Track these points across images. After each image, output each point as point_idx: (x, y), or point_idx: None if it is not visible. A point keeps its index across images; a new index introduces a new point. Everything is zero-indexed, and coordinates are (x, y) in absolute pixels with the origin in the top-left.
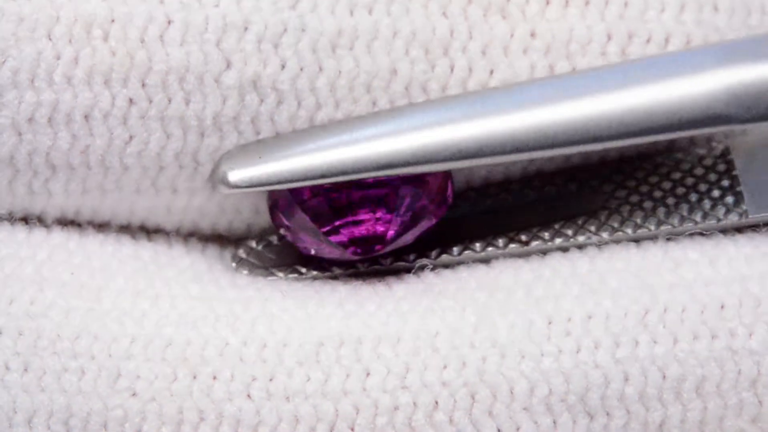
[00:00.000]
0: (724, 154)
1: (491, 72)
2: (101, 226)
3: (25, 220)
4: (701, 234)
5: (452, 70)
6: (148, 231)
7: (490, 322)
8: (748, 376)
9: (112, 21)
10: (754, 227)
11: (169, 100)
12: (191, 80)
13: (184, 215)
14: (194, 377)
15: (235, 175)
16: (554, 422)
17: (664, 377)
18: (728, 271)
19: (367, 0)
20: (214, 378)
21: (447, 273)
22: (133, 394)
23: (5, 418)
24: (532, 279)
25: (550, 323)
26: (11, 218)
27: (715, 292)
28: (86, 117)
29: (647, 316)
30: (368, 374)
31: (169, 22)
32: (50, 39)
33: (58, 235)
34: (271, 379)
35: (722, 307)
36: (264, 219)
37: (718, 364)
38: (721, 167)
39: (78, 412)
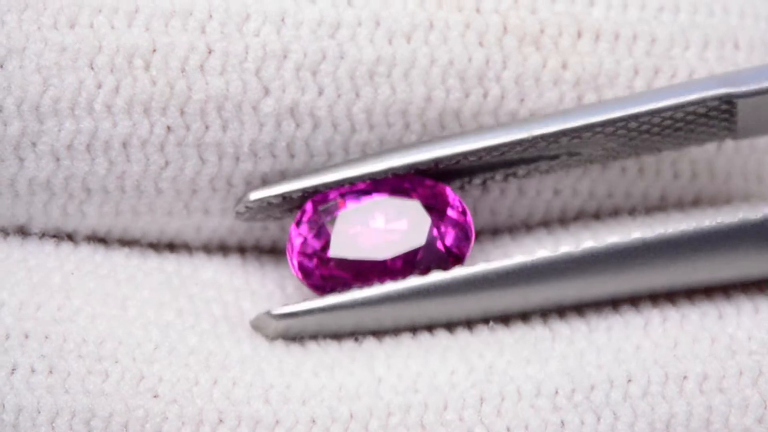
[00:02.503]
0: None
1: (521, 101)
2: (129, 243)
3: (56, 236)
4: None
5: (485, 98)
6: (172, 246)
7: (499, 342)
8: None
9: (154, 51)
10: None
11: (207, 128)
12: (229, 108)
13: (213, 234)
14: (215, 382)
15: (255, 195)
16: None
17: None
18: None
19: (406, 29)
20: (234, 384)
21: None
22: (155, 396)
23: (29, 418)
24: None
25: (553, 340)
26: (41, 234)
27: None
28: (124, 144)
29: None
30: (380, 381)
31: (210, 52)
32: (92, 68)
33: (85, 248)
34: (288, 387)
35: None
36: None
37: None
38: None
39: (100, 413)
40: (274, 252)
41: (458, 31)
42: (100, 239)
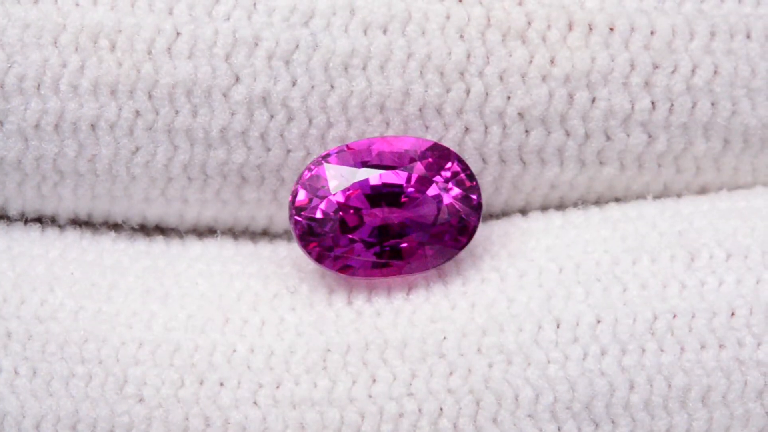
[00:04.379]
0: None
1: (508, 98)
2: (116, 226)
3: (40, 220)
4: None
5: (468, 94)
6: (161, 228)
7: (498, 325)
8: (754, 387)
9: (119, 31)
10: None
11: (176, 113)
12: (198, 94)
13: (197, 222)
14: (201, 383)
15: None
16: (559, 429)
17: (670, 386)
18: (742, 271)
19: (382, 20)
20: (221, 384)
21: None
22: (140, 400)
23: (14, 423)
24: (544, 268)
25: (558, 327)
26: (24, 218)
27: (725, 298)
28: (92, 126)
29: (656, 322)
30: (374, 381)
31: (178, 35)
32: (56, 47)
33: (72, 233)
34: (278, 386)
35: (732, 314)
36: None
37: (725, 374)
38: None
39: (85, 418)
40: (266, 234)
41: (437, 23)
42: (85, 222)
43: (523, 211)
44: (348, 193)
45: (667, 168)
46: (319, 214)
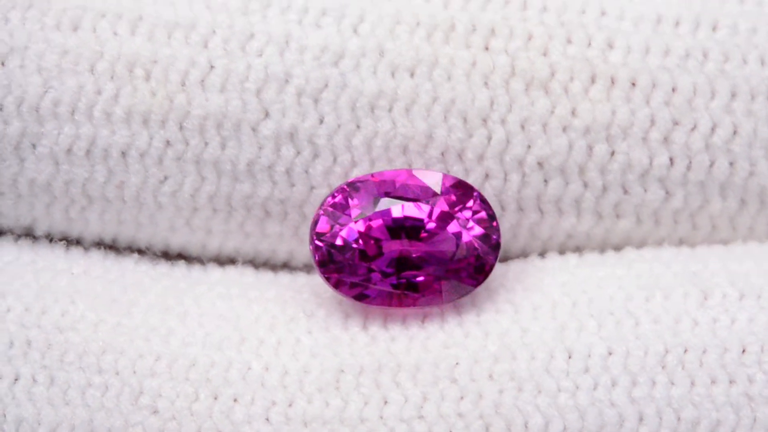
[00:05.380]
0: None
1: (528, 147)
2: (139, 251)
3: (66, 240)
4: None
5: (489, 140)
6: (183, 255)
7: (511, 353)
8: (763, 423)
9: (155, 62)
10: None
11: (206, 144)
12: (228, 126)
13: (219, 252)
14: (215, 398)
15: None
16: None
17: (679, 419)
18: (755, 310)
19: (409, 63)
20: (235, 401)
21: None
22: (155, 412)
23: (29, 430)
24: (558, 302)
25: (570, 357)
26: (50, 238)
27: (737, 335)
28: (123, 154)
29: (667, 356)
30: (386, 402)
31: (211, 68)
32: (92, 74)
33: (95, 253)
34: (290, 405)
35: (743, 351)
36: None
37: (734, 410)
38: None
39: (99, 427)
40: (286, 267)
41: (463, 69)
42: (109, 246)
43: (541, 255)
44: (369, 222)
45: (683, 224)
46: (339, 242)
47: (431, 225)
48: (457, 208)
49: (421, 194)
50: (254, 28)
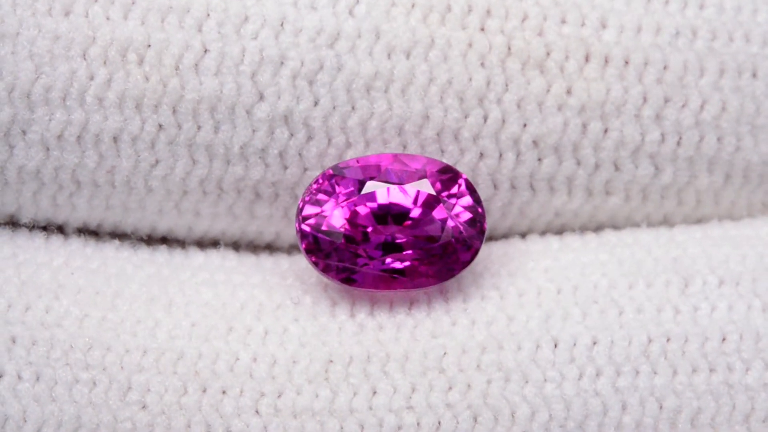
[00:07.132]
0: None
1: (524, 126)
2: (120, 235)
3: (45, 227)
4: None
5: (485, 120)
6: (165, 239)
7: (497, 343)
8: (742, 411)
9: (148, 46)
10: None
11: (199, 128)
12: (222, 110)
13: (205, 234)
14: (204, 391)
15: None
16: None
17: (661, 408)
18: (734, 298)
19: (405, 45)
20: (224, 393)
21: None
22: (143, 407)
23: (15, 427)
24: (542, 288)
25: (555, 347)
26: (31, 226)
27: (717, 323)
28: (115, 139)
29: (650, 345)
30: (375, 393)
31: (206, 52)
32: (85, 59)
33: (76, 241)
34: (279, 396)
35: (723, 339)
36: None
37: (714, 398)
38: None
39: (87, 423)
40: (269, 248)
41: (459, 50)
42: (91, 231)
43: (523, 236)
44: (355, 207)
45: (669, 200)
46: (325, 227)
47: (416, 211)
48: (444, 194)
49: (407, 179)
50: (249, 11)
